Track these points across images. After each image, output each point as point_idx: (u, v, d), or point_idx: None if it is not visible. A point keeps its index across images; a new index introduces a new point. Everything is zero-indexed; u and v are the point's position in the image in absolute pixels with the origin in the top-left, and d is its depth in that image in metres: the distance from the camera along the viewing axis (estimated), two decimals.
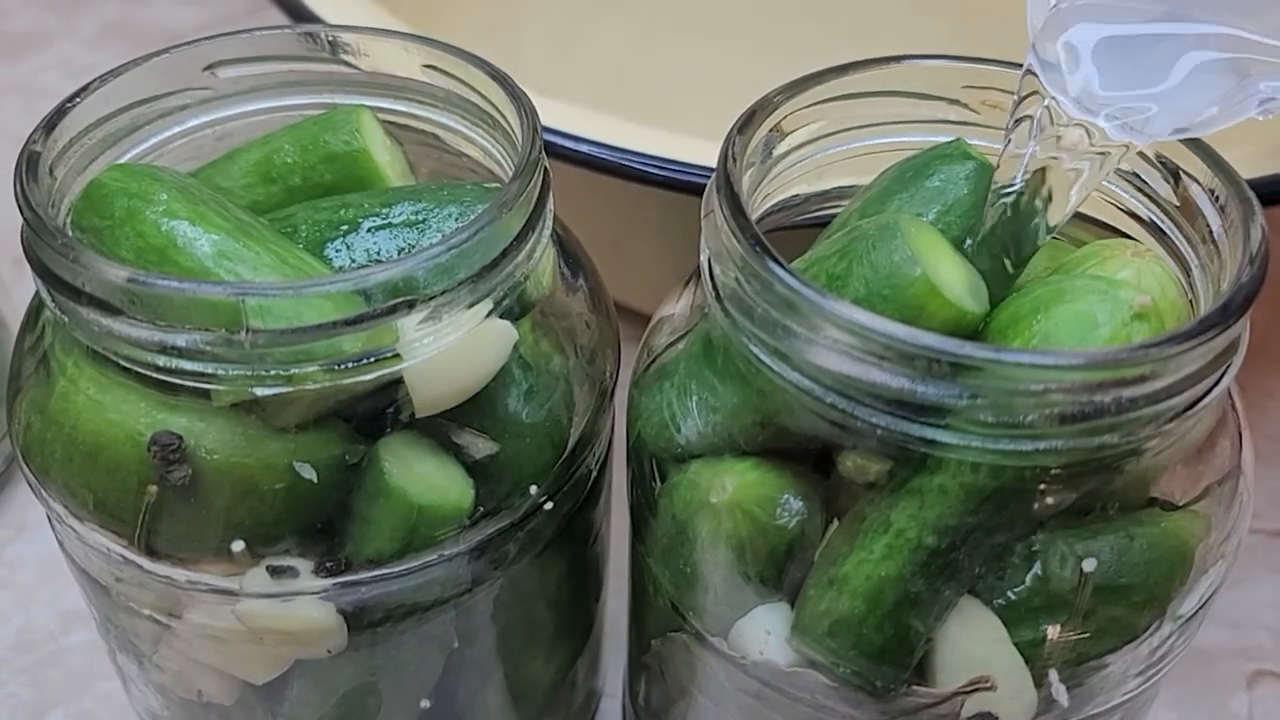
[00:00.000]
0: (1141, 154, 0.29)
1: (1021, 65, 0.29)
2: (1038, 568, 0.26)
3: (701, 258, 0.28)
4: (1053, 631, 0.26)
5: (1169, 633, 0.28)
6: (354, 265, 0.30)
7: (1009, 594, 0.26)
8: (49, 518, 0.31)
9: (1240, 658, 0.44)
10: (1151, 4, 0.25)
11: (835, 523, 0.28)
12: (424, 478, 0.28)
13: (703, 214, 0.28)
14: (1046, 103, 0.26)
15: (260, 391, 0.26)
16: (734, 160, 0.27)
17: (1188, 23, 0.25)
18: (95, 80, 0.30)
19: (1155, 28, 0.25)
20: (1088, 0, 0.26)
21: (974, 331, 0.27)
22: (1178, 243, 0.29)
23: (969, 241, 0.28)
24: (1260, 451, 0.29)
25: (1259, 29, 0.25)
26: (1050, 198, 0.27)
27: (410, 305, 0.26)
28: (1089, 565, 0.26)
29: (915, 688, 0.27)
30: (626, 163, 0.42)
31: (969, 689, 0.26)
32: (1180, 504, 0.27)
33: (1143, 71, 0.25)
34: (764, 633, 0.28)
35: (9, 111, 0.70)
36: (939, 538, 0.25)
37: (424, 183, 0.34)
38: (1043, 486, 0.25)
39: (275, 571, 0.28)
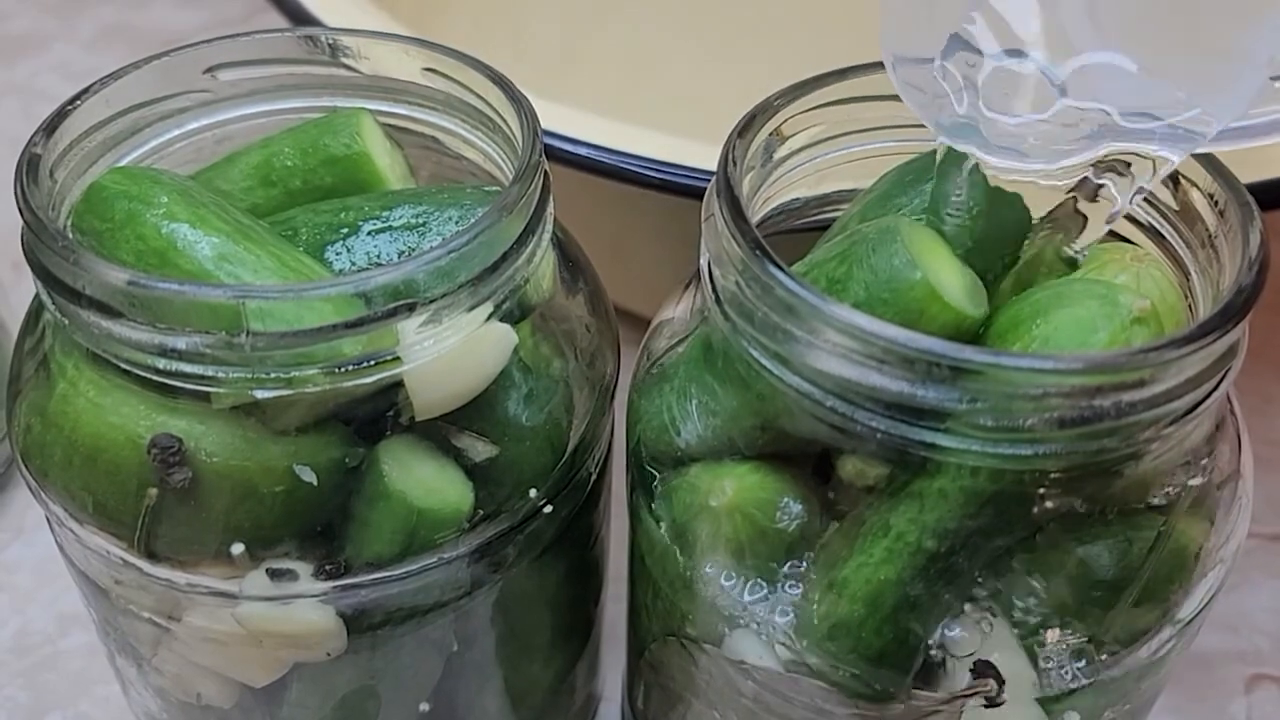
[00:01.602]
0: (1141, 158, 0.29)
1: None
2: (1036, 571, 0.26)
3: (701, 261, 0.28)
4: (1052, 635, 0.26)
5: (1168, 636, 0.28)
6: (354, 268, 0.30)
7: (1007, 598, 0.26)
8: (48, 520, 0.31)
9: (1239, 662, 0.44)
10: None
11: (834, 526, 0.28)
12: (424, 481, 0.28)
13: (703, 217, 0.28)
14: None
15: (260, 394, 0.26)
16: (734, 164, 0.27)
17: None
18: (96, 83, 0.30)
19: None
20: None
21: (973, 335, 0.27)
22: (1176, 247, 0.29)
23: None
24: (1259, 456, 0.29)
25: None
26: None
27: (410, 308, 0.26)
28: (1088, 569, 0.26)
29: (916, 692, 0.27)
30: (626, 166, 0.42)
31: (969, 693, 0.26)
32: (1178, 508, 0.27)
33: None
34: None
35: (7, 114, 0.70)
36: (938, 541, 0.25)
37: (424, 186, 0.34)
38: (1042, 490, 0.25)
39: (275, 574, 0.28)
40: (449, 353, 0.27)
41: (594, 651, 0.39)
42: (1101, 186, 0.27)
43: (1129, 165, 0.27)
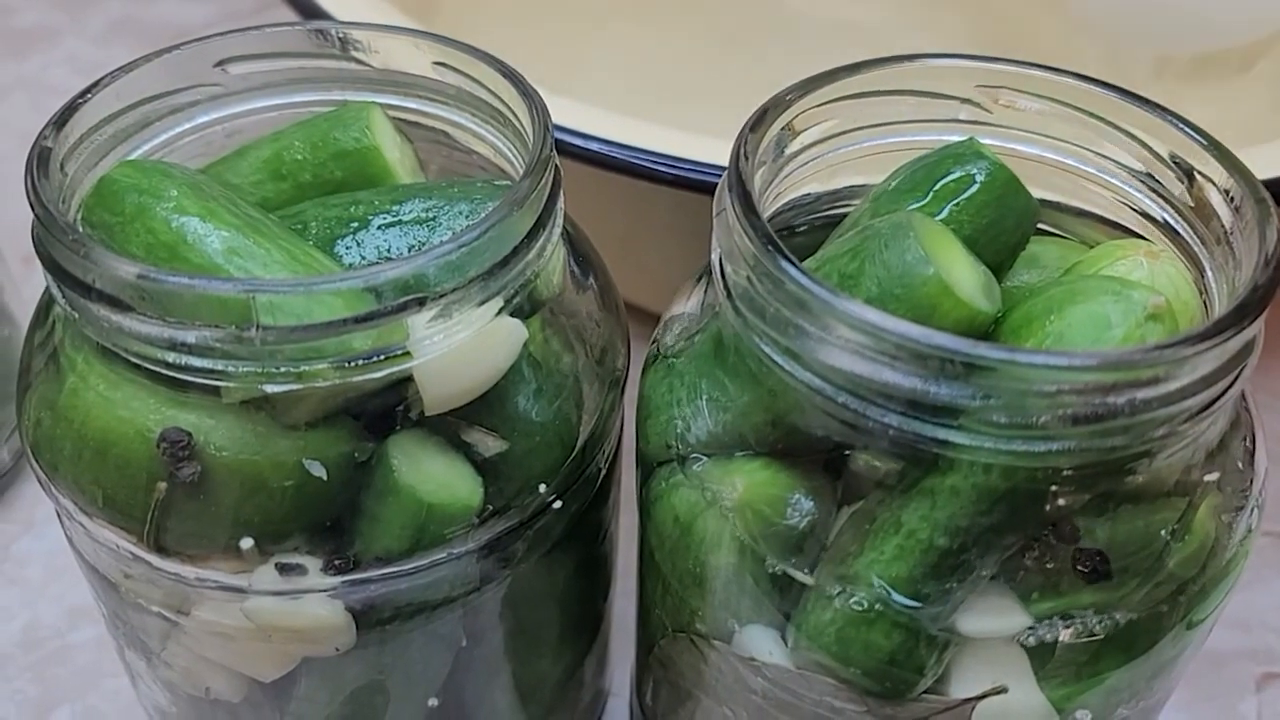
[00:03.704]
0: (1155, 154, 0.29)
1: (1035, 65, 0.29)
2: (1049, 571, 0.26)
3: (713, 256, 0.28)
4: (1065, 635, 0.26)
5: (1182, 634, 0.27)
6: (364, 262, 0.30)
7: (1020, 597, 0.26)
8: (58, 514, 0.31)
9: (1250, 660, 0.44)
10: None
11: (845, 523, 0.27)
12: (433, 476, 0.28)
13: (715, 212, 0.28)
14: None
15: (270, 388, 0.26)
16: (746, 158, 0.27)
17: None
18: (106, 76, 0.30)
19: None
20: None
21: (987, 331, 0.26)
22: (1191, 243, 0.29)
23: None
24: (1271, 452, 0.29)
25: None
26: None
27: (420, 303, 0.26)
28: (1101, 568, 0.26)
29: (926, 695, 0.27)
30: (636, 161, 0.42)
31: (982, 696, 0.26)
32: (1193, 506, 0.27)
33: None
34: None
35: (17, 107, 0.70)
36: (950, 539, 0.25)
37: (434, 180, 0.33)
38: (1055, 488, 0.25)
39: (284, 569, 0.28)
40: (459, 347, 0.27)
41: (603, 647, 0.39)
42: None
43: None
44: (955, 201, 0.29)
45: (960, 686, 0.27)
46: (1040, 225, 0.31)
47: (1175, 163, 0.29)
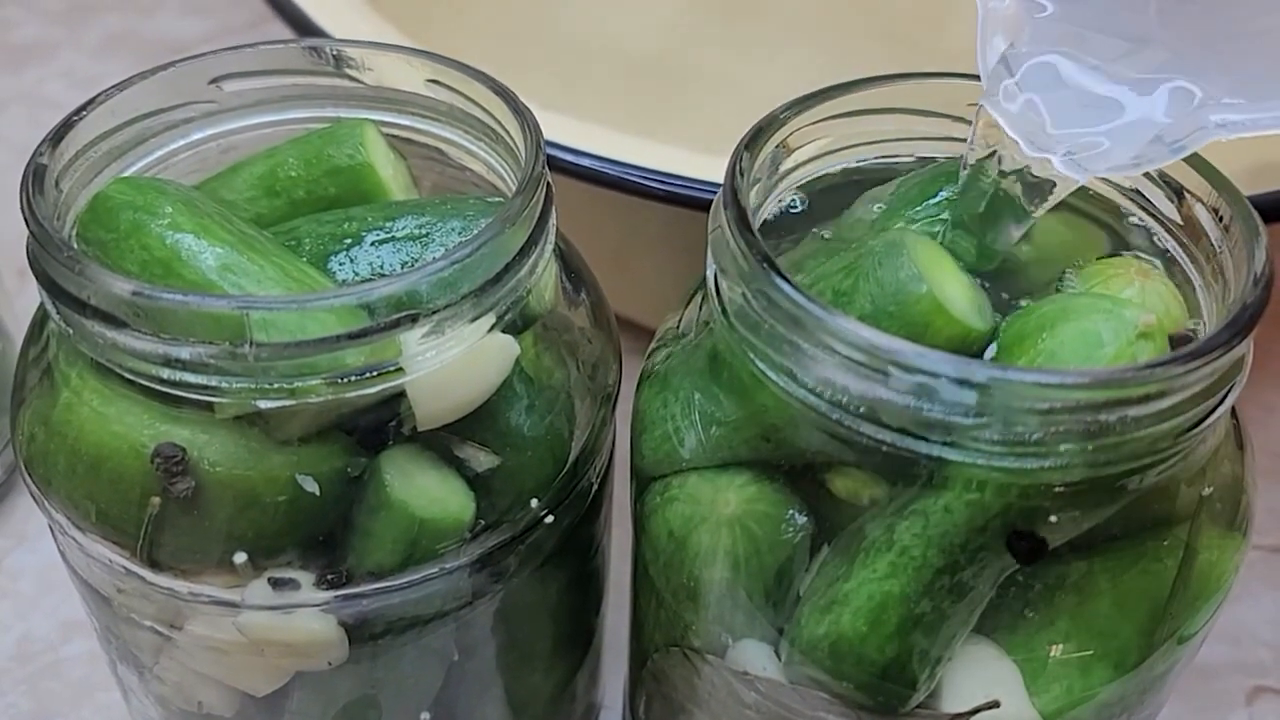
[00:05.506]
0: (1145, 172, 0.29)
1: None
2: (1041, 586, 0.26)
3: (708, 272, 0.28)
4: (1057, 650, 0.26)
5: (1173, 650, 0.27)
6: (357, 279, 0.30)
7: (1013, 613, 0.26)
8: (51, 528, 0.31)
9: (1240, 673, 0.44)
10: (1106, 44, 0.26)
11: (838, 538, 0.27)
12: (425, 491, 0.28)
13: (710, 229, 0.28)
14: (1003, 141, 0.27)
15: (263, 404, 0.26)
16: (741, 175, 0.27)
17: (1139, 69, 0.25)
18: (101, 93, 0.30)
19: (1108, 86, 0.26)
20: (1041, 38, 0.26)
21: (979, 349, 0.27)
22: (1181, 262, 0.29)
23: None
24: (1260, 467, 0.29)
25: (1211, 83, 0.25)
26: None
27: (413, 319, 0.26)
28: (1091, 583, 0.26)
29: (919, 710, 0.27)
30: (629, 177, 0.42)
31: (975, 711, 0.26)
32: (1183, 521, 0.27)
33: (1093, 110, 0.26)
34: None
35: (14, 122, 0.70)
36: (944, 556, 0.25)
37: (427, 197, 0.34)
38: (1047, 505, 0.25)
39: (277, 584, 0.28)
40: (451, 363, 0.27)
41: (595, 660, 0.39)
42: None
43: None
44: (948, 219, 0.29)
45: (953, 701, 0.27)
46: None
47: (1165, 181, 0.29)
